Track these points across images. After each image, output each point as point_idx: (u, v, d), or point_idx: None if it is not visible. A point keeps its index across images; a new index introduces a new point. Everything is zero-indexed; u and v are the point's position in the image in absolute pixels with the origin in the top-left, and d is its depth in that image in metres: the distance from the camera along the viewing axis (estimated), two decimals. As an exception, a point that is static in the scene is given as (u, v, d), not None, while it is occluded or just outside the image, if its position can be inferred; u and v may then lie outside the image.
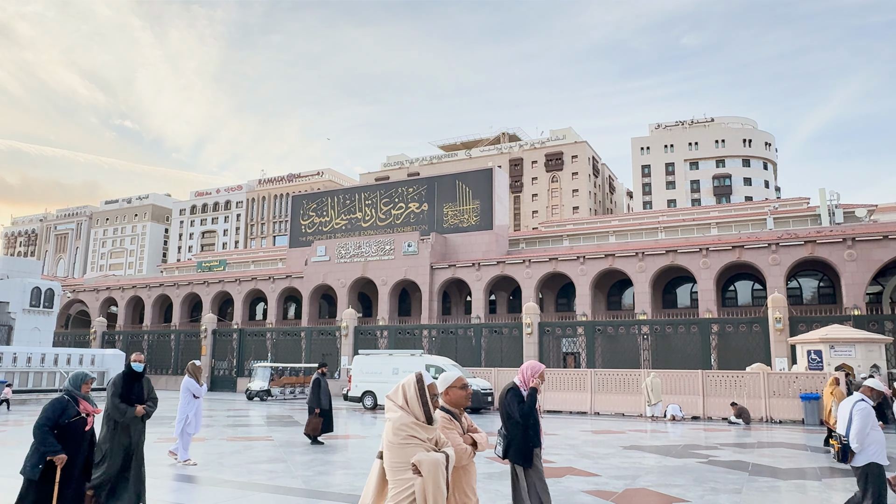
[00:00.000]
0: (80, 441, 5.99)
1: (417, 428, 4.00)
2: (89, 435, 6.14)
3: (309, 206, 55.84)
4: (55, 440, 5.82)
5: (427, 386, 4.20)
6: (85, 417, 6.08)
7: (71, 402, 6.08)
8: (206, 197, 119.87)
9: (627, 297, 45.89)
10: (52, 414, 5.92)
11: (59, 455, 5.78)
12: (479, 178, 49.13)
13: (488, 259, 44.79)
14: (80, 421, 6.05)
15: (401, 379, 28.26)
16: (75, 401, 6.14)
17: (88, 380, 6.34)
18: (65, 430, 5.93)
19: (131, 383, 7.81)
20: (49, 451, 5.77)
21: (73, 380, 6.28)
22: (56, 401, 6.05)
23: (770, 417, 24.59)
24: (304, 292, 50.47)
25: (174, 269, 75.70)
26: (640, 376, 27.24)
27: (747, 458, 14.22)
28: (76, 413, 6.05)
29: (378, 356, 29.72)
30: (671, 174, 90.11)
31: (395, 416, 4.06)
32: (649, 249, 40.00)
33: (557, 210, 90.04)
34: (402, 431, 3.98)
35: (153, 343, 47.88)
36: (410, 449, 3.92)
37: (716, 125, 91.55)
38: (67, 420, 5.97)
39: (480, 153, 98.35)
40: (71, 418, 5.99)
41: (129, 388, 7.77)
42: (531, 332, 34.02)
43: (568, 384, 28.51)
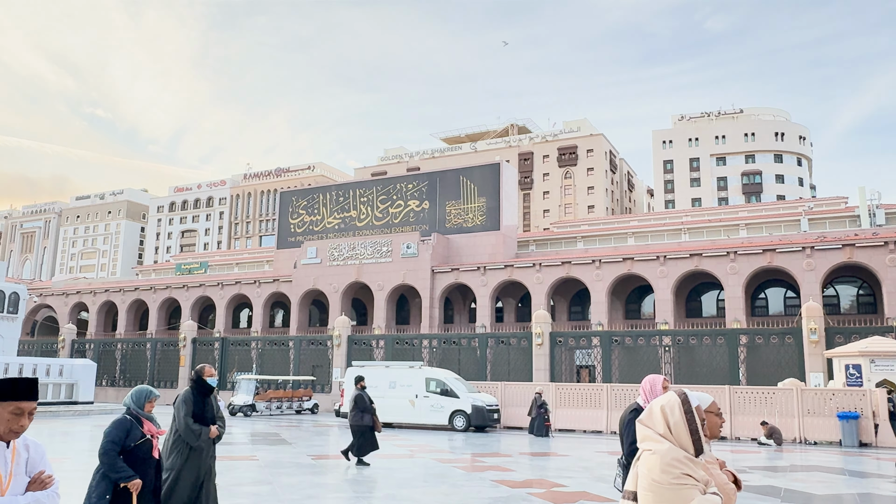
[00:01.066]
0: (146, 467, 5.76)
1: (690, 464, 3.47)
2: (156, 460, 5.89)
3: (299, 203, 55.88)
4: (125, 465, 5.62)
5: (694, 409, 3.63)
6: (151, 440, 5.85)
7: (135, 423, 5.82)
8: (186, 193, 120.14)
9: (647, 305, 45.80)
10: (116, 437, 5.69)
11: (134, 480, 5.55)
12: (486, 174, 49.10)
13: (495, 262, 44.76)
14: (146, 444, 5.80)
15: (399, 393, 28.49)
16: (139, 421, 5.86)
17: (153, 397, 6.02)
18: (130, 456, 5.69)
19: (203, 400, 7.46)
20: (122, 478, 5.54)
21: (135, 397, 5.97)
22: (119, 422, 5.81)
23: (804, 438, 24.51)
24: (292, 298, 50.47)
25: (151, 272, 75.87)
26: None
27: (779, 483, 14.18)
28: (141, 435, 5.79)
29: (373, 368, 29.67)
30: (696, 170, 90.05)
31: (662, 448, 3.49)
32: (672, 253, 39.93)
33: (571, 209, 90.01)
34: (675, 469, 3.42)
35: (127, 353, 47.95)
36: (686, 491, 3.40)
37: (745, 117, 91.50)
38: (133, 444, 5.71)
39: (487, 146, 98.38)
40: (136, 441, 5.74)
41: (203, 407, 7.41)
42: (542, 343, 33.98)
43: (582, 400, 28.44)
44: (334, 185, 55.93)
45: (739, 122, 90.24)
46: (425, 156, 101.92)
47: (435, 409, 27.61)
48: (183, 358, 44.20)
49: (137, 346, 47.84)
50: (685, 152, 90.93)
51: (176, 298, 55.57)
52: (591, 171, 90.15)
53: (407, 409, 28.07)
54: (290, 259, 53.36)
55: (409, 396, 28.04)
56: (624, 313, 45.91)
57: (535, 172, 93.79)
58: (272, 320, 57.01)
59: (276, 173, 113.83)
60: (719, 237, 49.07)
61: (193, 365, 44.36)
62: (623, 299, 45.92)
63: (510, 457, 18.44)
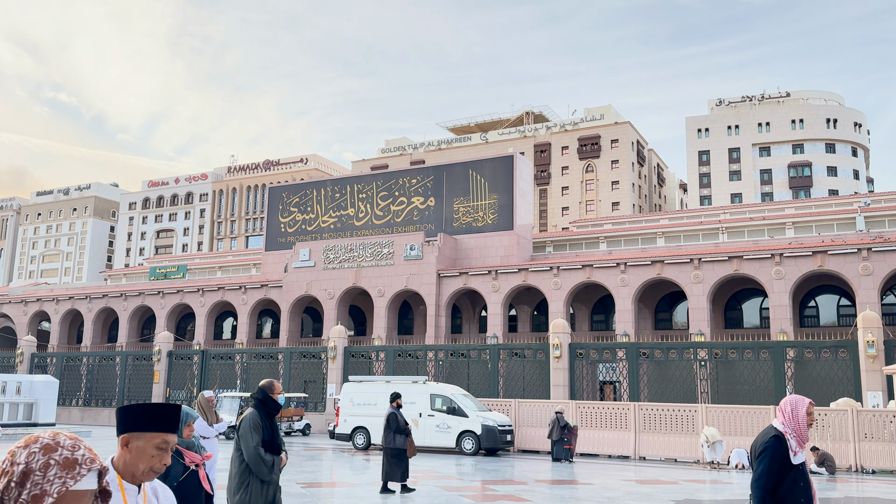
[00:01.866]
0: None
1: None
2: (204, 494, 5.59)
3: (290, 199, 55.99)
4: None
5: None
6: (196, 472, 5.51)
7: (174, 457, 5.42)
8: (162, 188, 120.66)
9: (680, 314, 45.62)
10: None
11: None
12: (498, 167, 49.07)
13: (508, 266, 44.69)
14: (191, 479, 5.46)
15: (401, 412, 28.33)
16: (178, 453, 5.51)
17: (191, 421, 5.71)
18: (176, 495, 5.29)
19: (271, 423, 7.01)
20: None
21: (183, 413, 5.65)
22: None
23: (860, 466, 24.29)
24: (282, 305, 50.47)
25: (121, 277, 76.17)
26: (695, 413, 26.98)
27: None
28: (184, 469, 5.43)
29: (373, 384, 29.61)
30: (736, 162, 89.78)
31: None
32: (708, 255, 39.74)
33: (593, 206, 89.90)
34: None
35: (94, 368, 48.05)
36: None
37: (792, 101, 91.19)
38: (176, 482, 5.34)
39: (499, 137, 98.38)
40: (180, 478, 5.38)
41: (272, 431, 6.95)
42: (560, 356, 33.88)
43: (606, 420, 28.28)
44: (330, 180, 55.96)
45: (786, 107, 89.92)
46: (431, 147, 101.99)
47: (441, 430, 27.51)
48: (157, 374, 44.26)
49: (105, 360, 47.94)
50: (723, 142, 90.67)
51: (150, 307, 55.68)
52: (615, 163, 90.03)
53: (409, 431, 27.97)
54: (280, 262, 53.44)
55: (412, 415, 27.95)
56: (653, 323, 45.74)
57: (553, 166, 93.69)
58: (259, 331, 57.04)
59: (265, 166, 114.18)
60: (763, 238, 48.84)
61: (170, 381, 44.40)
62: (652, 307, 45.77)
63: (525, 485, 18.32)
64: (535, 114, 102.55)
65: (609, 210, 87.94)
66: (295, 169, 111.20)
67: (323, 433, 38.44)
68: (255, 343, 52.39)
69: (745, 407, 26.64)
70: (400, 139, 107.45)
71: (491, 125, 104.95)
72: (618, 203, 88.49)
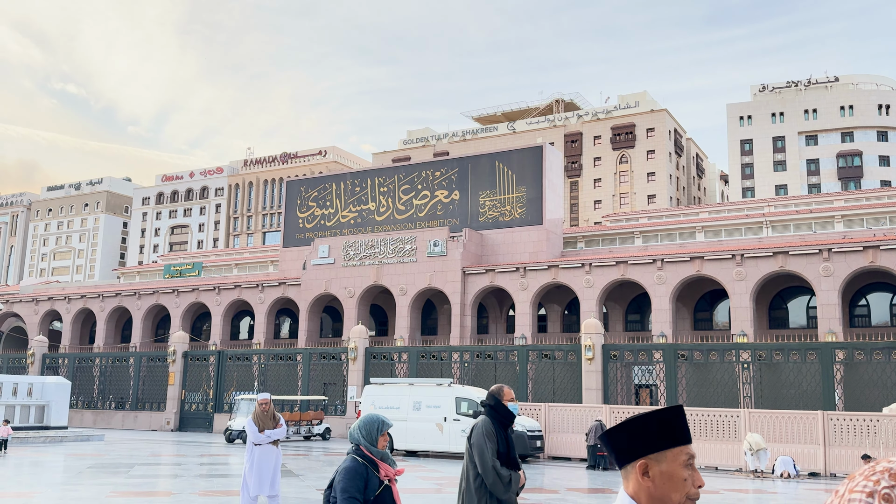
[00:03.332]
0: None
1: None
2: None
3: (308, 193, 56.27)
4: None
5: None
6: (390, 486, 5.46)
7: (370, 468, 5.37)
8: (177, 182, 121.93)
9: (721, 314, 45.22)
10: (354, 489, 5.27)
11: None
12: (526, 159, 48.92)
13: (537, 262, 44.58)
14: (386, 493, 5.40)
15: (425, 416, 28.47)
16: (373, 464, 5.41)
17: (386, 429, 5.56)
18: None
19: (505, 434, 6.63)
20: None
21: (366, 429, 5.50)
22: (351, 470, 5.34)
23: (915, 474, 23.88)
24: (301, 304, 50.77)
25: (135, 275, 77.12)
26: (738, 418, 26.73)
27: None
28: (379, 483, 5.37)
29: (395, 386, 29.71)
30: (780, 151, 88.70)
31: None
32: (751, 251, 39.35)
33: (627, 199, 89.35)
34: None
35: (107, 369, 48.69)
36: None
37: (841, 86, 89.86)
38: (373, 496, 5.30)
39: (527, 126, 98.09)
40: (376, 492, 5.33)
41: (507, 443, 6.56)
42: (592, 357, 33.71)
43: (643, 426, 28.11)
44: (349, 173, 56.16)
45: (834, 92, 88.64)
46: (455, 138, 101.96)
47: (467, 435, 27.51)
48: (172, 375, 44.75)
49: (119, 361, 48.56)
50: (767, 130, 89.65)
51: (164, 305, 56.28)
52: (651, 153, 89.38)
53: (434, 435, 28.02)
54: (299, 259, 53.74)
55: (436, 419, 27.99)
56: (692, 323, 45.41)
57: (585, 156, 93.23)
58: (277, 330, 57.44)
59: (282, 159, 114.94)
60: (809, 232, 48.23)
61: (185, 383, 44.87)
62: (691, 307, 45.43)
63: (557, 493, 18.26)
64: (565, 102, 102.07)
65: (645, 203, 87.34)
66: (313, 162, 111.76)
67: (343, 438, 38.64)
68: (272, 343, 52.77)
69: (791, 412, 26.33)
70: (422, 130, 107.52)
71: (518, 114, 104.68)
72: (654, 196, 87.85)
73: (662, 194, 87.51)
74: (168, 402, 44.83)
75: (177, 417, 44.21)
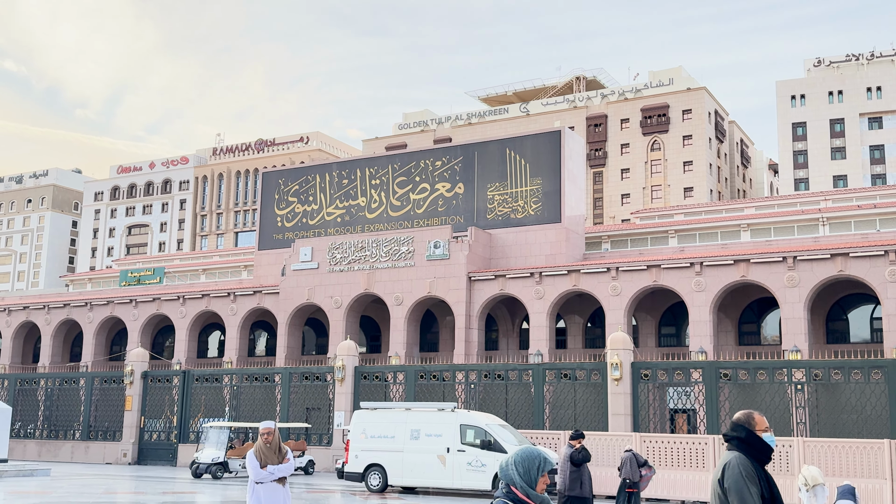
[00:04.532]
0: None
1: None
2: None
3: (288, 187, 56.29)
4: None
5: None
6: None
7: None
8: (134, 174, 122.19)
9: (770, 326, 45.15)
10: None
11: None
12: (541, 145, 48.90)
13: (555, 267, 44.54)
14: None
15: (424, 446, 28.43)
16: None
17: (549, 469, 5.45)
18: None
19: (765, 473, 6.19)
20: None
21: (523, 466, 5.35)
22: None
23: None
24: (279, 316, 50.72)
25: (86, 282, 77.21)
26: (790, 448, 26.65)
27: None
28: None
29: (390, 412, 29.68)
30: (839, 136, 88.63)
31: None
32: (805, 252, 39.29)
33: (660, 193, 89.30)
34: None
35: (53, 392, 48.66)
36: None
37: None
38: None
39: (543, 108, 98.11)
40: None
41: (769, 485, 6.13)
42: (620, 378, 33.63)
43: (679, 457, 28.04)
44: (336, 163, 56.19)
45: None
46: (458, 122, 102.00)
47: (474, 469, 27.47)
48: (130, 399, 44.72)
49: (67, 383, 48.54)
50: (823, 111, 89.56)
51: (120, 318, 56.27)
52: (688, 139, 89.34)
53: (435, 469, 27.98)
54: (277, 263, 53.73)
55: (437, 451, 27.94)
56: (736, 337, 45.35)
57: (611, 143, 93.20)
58: (252, 347, 57.42)
59: (257, 147, 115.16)
60: (873, 231, 48.18)
61: (145, 408, 44.83)
62: (735, 318, 45.37)
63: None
64: (587, 79, 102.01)
65: (680, 197, 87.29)
66: (294, 150, 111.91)
67: (329, 471, 38.61)
68: (246, 362, 52.74)
69: (853, 441, 26.24)
70: (420, 112, 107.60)
71: (532, 94, 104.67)
72: (691, 188, 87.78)
73: (701, 187, 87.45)
74: (125, 431, 44.80)
75: (135, 448, 44.19)
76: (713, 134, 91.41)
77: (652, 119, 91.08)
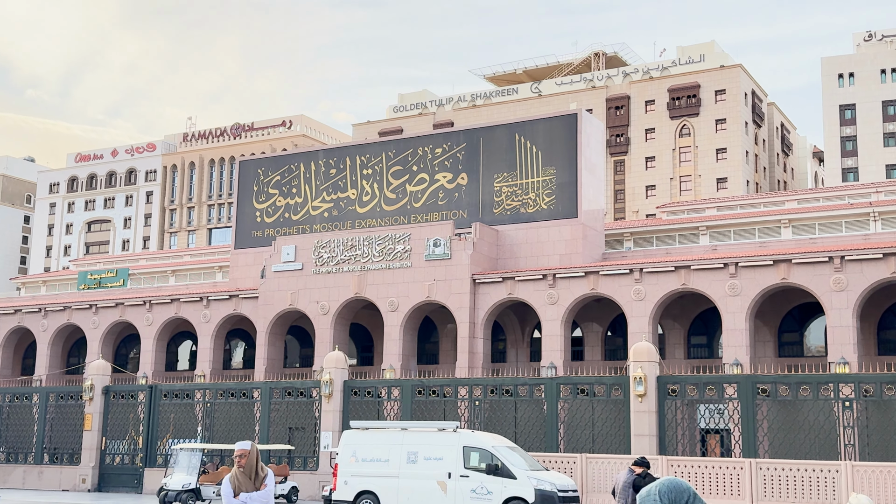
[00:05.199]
0: None
1: None
2: None
3: (268, 177, 56.25)
4: None
5: None
6: None
7: None
8: (95, 163, 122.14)
9: (815, 336, 45.13)
10: None
11: None
12: (555, 130, 48.86)
13: (570, 268, 44.52)
14: None
15: (423, 471, 28.40)
16: None
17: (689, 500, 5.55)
18: None
19: None
20: None
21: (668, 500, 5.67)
22: None
23: None
24: (258, 324, 50.70)
25: (40, 285, 77.22)
26: (837, 473, 26.64)
27: None
28: None
29: (384, 432, 29.70)
30: (893, 119, 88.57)
31: None
32: (854, 252, 39.26)
33: (690, 184, 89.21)
34: None
35: (2, 410, 48.63)
36: None
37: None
38: None
39: (557, 88, 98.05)
40: None
41: None
42: (644, 393, 33.64)
43: (710, 483, 28.04)
44: (322, 150, 56.17)
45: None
46: (462, 104, 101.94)
47: (478, 496, 27.48)
48: (89, 417, 44.70)
49: (18, 399, 48.53)
50: (875, 92, 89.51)
51: (79, 325, 56.22)
52: (721, 123, 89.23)
53: (435, 497, 27.99)
54: (256, 264, 53.71)
55: (437, 476, 27.95)
56: (776, 348, 45.33)
57: (634, 127, 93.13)
58: (228, 358, 57.40)
59: (233, 132, 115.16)
60: (930, 227, 48.20)
61: (106, 427, 44.80)
62: (774, 326, 45.35)
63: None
64: (606, 55, 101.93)
65: (713, 189, 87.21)
66: (275, 135, 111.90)
67: (315, 499, 38.62)
68: (221, 375, 52.74)
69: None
70: (418, 93, 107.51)
71: (545, 72, 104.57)
72: (725, 179, 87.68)
73: (736, 177, 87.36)
74: (84, 454, 44.80)
75: (95, 473, 44.17)
76: (750, 117, 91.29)
77: (680, 101, 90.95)
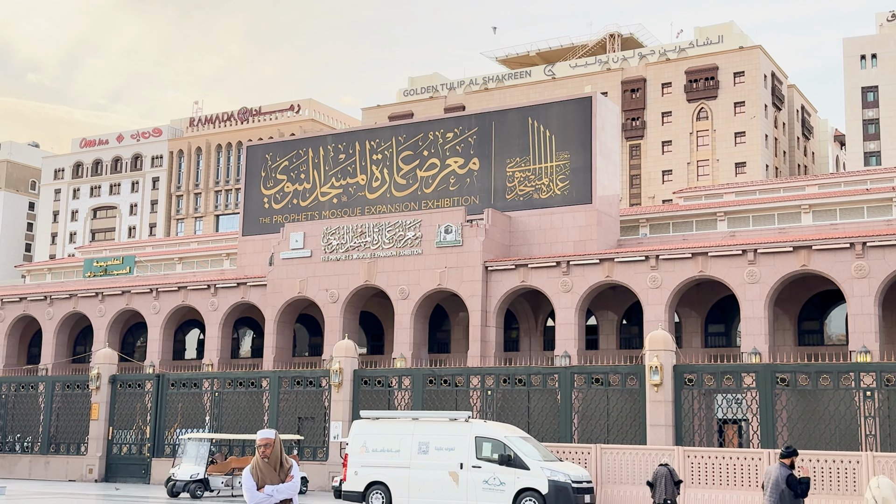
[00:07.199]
0: None
1: None
2: None
3: (276, 163, 56.25)
4: None
5: None
6: None
7: None
8: (100, 149, 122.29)
9: (835, 324, 45.00)
10: None
11: None
12: (569, 114, 48.72)
13: (585, 255, 44.46)
14: None
15: (434, 461, 28.44)
16: None
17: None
18: None
19: None
20: None
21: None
22: None
23: None
24: (267, 312, 50.77)
25: (45, 273, 77.46)
26: (859, 464, 26.59)
27: None
28: None
29: (394, 422, 29.77)
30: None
31: None
32: (876, 238, 39.09)
33: (707, 169, 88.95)
34: None
35: (8, 400, 48.87)
36: None
37: None
38: None
39: (571, 70, 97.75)
40: None
41: None
42: (660, 383, 33.62)
43: (728, 475, 28.02)
44: (331, 135, 56.16)
45: None
46: (473, 87, 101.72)
47: (491, 488, 27.51)
48: (96, 407, 44.88)
49: (24, 388, 48.73)
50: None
51: (85, 314, 56.38)
52: (740, 106, 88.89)
53: (446, 488, 28.03)
54: (264, 251, 53.78)
55: (449, 467, 28.00)
56: (795, 336, 45.22)
57: (650, 111, 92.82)
58: (236, 347, 57.51)
59: (241, 117, 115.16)
60: (954, 212, 47.99)
61: (113, 417, 44.96)
62: (794, 314, 45.24)
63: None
64: (622, 37, 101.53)
65: (731, 174, 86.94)
66: (282, 120, 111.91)
67: (325, 490, 38.73)
68: (229, 364, 52.86)
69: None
70: (429, 76, 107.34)
71: (559, 54, 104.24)
72: (743, 164, 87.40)
73: (755, 162, 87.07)
74: (90, 444, 45.01)
75: (102, 463, 44.39)
76: (769, 100, 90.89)
77: (698, 83, 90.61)
